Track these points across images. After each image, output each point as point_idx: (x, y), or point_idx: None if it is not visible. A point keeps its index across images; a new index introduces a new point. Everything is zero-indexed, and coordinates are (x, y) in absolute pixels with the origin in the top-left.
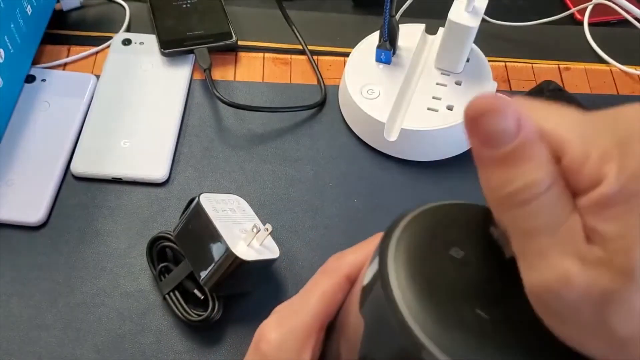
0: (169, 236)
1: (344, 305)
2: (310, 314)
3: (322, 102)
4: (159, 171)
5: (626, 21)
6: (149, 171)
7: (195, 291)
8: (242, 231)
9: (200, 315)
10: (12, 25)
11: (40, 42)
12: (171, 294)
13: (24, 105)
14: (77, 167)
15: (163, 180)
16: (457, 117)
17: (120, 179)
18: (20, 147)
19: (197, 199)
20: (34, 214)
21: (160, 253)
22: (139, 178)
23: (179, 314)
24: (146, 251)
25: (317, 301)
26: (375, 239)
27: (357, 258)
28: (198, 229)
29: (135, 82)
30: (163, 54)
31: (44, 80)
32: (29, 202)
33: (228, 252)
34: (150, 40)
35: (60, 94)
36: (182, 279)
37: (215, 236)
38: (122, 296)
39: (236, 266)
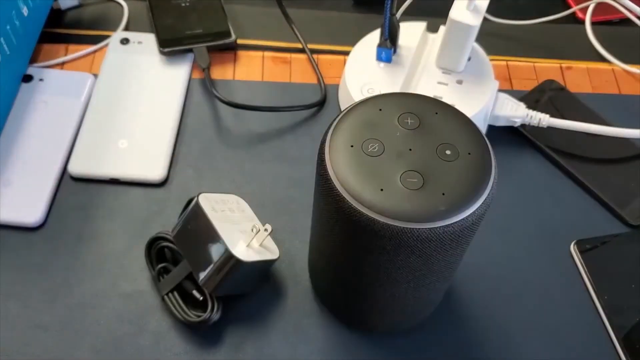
0: (168, 236)
1: None
2: None
3: (322, 101)
4: (156, 172)
5: (628, 20)
6: (146, 171)
7: (194, 292)
8: (242, 232)
9: (199, 316)
10: (8, 27)
11: (38, 41)
12: (170, 294)
13: (22, 105)
14: (75, 168)
15: (161, 181)
16: None
17: (118, 179)
18: (18, 147)
19: (195, 198)
20: (32, 214)
21: (159, 253)
22: (137, 179)
23: (178, 314)
24: (145, 251)
25: None
26: None
27: None
28: (197, 230)
29: (133, 82)
30: (162, 52)
31: (41, 79)
32: (26, 203)
33: (227, 253)
34: (149, 40)
35: (58, 93)
36: (181, 279)
37: (214, 237)
38: (121, 297)
39: (235, 267)
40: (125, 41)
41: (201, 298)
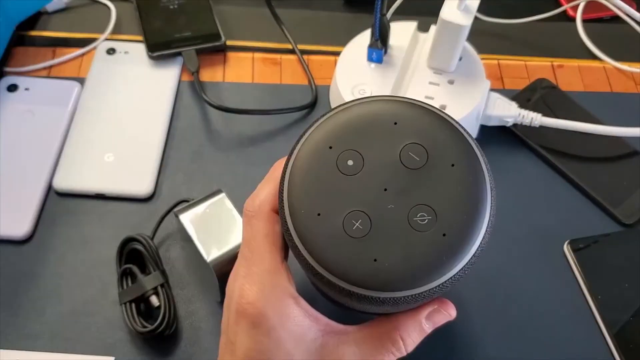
0: (142, 239)
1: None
2: (268, 259)
3: (313, 102)
4: (143, 186)
5: (619, 17)
6: (133, 186)
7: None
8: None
9: (145, 327)
10: None
11: (25, 45)
12: (128, 304)
13: (7, 115)
14: (60, 183)
15: (148, 196)
16: None
17: (104, 194)
18: (4, 159)
19: (177, 217)
20: (19, 228)
21: (129, 254)
22: (123, 194)
23: (128, 323)
24: (117, 250)
25: (266, 243)
26: (278, 166)
27: (271, 190)
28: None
29: (119, 93)
30: (151, 57)
31: (27, 89)
32: (13, 216)
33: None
34: (135, 49)
35: (44, 102)
36: (144, 292)
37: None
38: (112, 305)
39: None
40: (111, 52)
41: (157, 305)
